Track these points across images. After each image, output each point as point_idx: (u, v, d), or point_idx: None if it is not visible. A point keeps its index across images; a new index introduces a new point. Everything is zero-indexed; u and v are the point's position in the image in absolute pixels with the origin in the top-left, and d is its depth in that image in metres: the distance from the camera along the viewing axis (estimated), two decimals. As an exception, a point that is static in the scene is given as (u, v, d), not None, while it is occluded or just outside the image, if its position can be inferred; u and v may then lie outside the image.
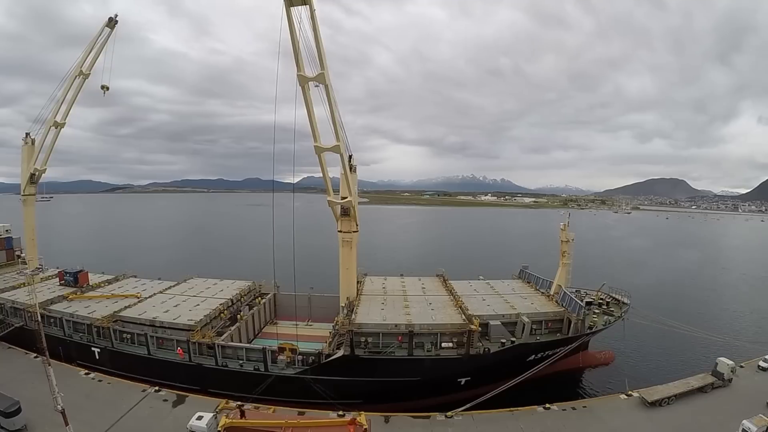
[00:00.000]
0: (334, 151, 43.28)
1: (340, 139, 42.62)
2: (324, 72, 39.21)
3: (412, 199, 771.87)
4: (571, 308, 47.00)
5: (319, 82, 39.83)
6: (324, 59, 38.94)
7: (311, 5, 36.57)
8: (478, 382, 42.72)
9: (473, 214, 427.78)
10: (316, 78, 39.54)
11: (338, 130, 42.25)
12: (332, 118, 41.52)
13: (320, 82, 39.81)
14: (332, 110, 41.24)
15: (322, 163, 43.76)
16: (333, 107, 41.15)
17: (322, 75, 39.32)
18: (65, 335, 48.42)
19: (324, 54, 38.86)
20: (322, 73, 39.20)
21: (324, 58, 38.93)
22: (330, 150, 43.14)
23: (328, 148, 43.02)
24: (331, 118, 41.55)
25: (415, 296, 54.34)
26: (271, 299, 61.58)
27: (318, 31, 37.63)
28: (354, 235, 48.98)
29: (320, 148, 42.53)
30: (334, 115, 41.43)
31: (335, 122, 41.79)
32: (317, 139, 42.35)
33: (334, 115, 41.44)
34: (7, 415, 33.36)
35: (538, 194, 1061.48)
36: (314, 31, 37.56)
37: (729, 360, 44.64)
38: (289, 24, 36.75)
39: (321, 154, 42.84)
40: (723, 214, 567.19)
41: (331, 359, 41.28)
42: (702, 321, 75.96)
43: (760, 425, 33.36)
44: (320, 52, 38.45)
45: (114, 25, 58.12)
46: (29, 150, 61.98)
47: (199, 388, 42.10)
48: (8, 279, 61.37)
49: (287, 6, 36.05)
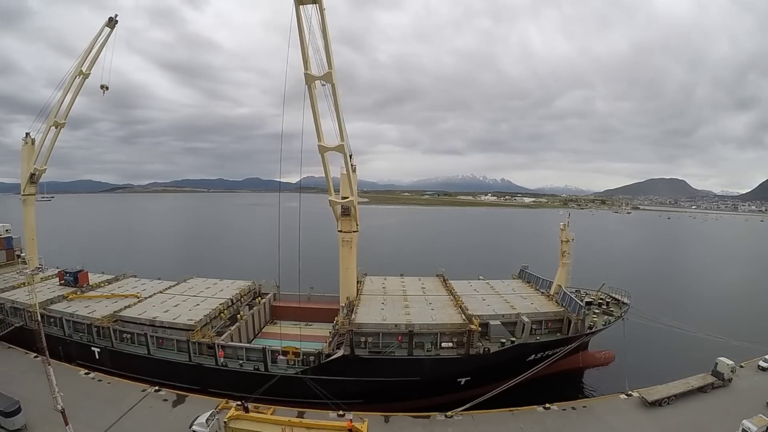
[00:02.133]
0: (338, 150, 43.29)
1: (344, 138, 42.65)
2: (331, 71, 39.26)
3: (412, 199, 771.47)
4: (570, 308, 47.01)
5: (326, 81, 39.88)
6: (332, 58, 38.97)
7: (321, 4, 36.60)
8: (478, 382, 42.72)
9: (473, 214, 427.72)
10: (324, 77, 39.59)
11: (342, 130, 42.31)
12: (337, 117, 41.59)
13: (327, 81, 39.87)
14: (337, 110, 41.26)
15: (325, 163, 43.77)
16: (338, 106, 41.19)
17: (329, 74, 39.37)
18: (65, 335, 48.43)
19: (332, 53, 38.91)
20: (330, 72, 39.25)
21: (332, 58, 38.96)
22: (334, 149, 43.17)
23: (331, 148, 43.04)
24: (336, 117, 41.62)
25: (415, 296, 54.35)
26: (270, 299, 61.57)
27: (327, 29, 37.66)
28: (354, 234, 49.01)
29: (324, 147, 42.58)
30: (339, 115, 41.47)
31: (340, 122, 41.86)
32: (321, 138, 42.34)
33: (339, 115, 41.49)
34: (7, 415, 33.38)
35: (538, 194, 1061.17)
36: (323, 30, 37.59)
37: (729, 360, 44.67)
38: (298, 22, 36.75)
39: (324, 153, 42.88)
40: (723, 214, 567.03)
41: (331, 359, 41.26)
42: (702, 321, 75.91)
43: (760, 425, 33.38)
44: (328, 51, 38.51)
45: (114, 25, 58.10)
46: (29, 150, 61.98)
47: (199, 388, 42.12)
48: (8, 279, 61.42)
49: (297, 4, 36.10)
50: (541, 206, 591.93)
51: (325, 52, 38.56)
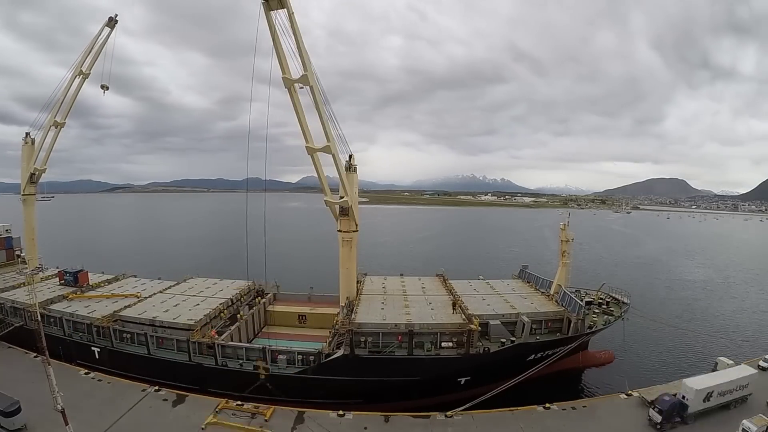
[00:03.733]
0: (326, 151, 43.27)
1: (330, 139, 42.61)
2: (307, 73, 39.26)
3: (412, 199, 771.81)
4: (570, 308, 47.01)
5: (303, 83, 39.88)
6: (307, 61, 38.91)
7: (289, 8, 36.68)
8: (478, 381, 42.72)
9: (474, 213, 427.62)
10: (300, 80, 39.60)
11: (328, 131, 42.25)
12: (320, 118, 41.60)
13: (304, 83, 39.87)
14: (319, 111, 41.24)
15: (316, 163, 43.88)
16: (320, 107, 41.15)
17: (305, 77, 39.39)
18: (65, 335, 48.42)
19: (306, 56, 38.85)
20: (305, 74, 39.26)
21: (307, 60, 38.91)
22: (321, 150, 43.19)
23: (319, 149, 43.06)
24: (319, 118, 41.63)
25: (415, 296, 54.34)
26: (270, 299, 61.53)
27: (298, 33, 37.65)
28: (354, 234, 48.96)
29: (312, 148, 42.66)
30: (321, 116, 41.48)
31: (324, 122, 41.86)
32: (308, 139, 42.50)
33: (322, 116, 41.49)
34: (7, 415, 33.34)
35: (538, 194, 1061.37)
36: (294, 33, 37.63)
37: (729, 360, 44.68)
38: (269, 27, 36.91)
39: (313, 154, 42.96)
40: (723, 213, 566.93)
41: (331, 359, 41.27)
42: (702, 321, 76.05)
43: (760, 425, 33.35)
44: (302, 54, 38.48)
45: (114, 25, 58.09)
46: (29, 150, 61.99)
47: (198, 388, 42.11)
48: (8, 279, 61.36)
49: (266, 10, 36.23)
50: (541, 206, 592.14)
51: (300, 55, 38.51)
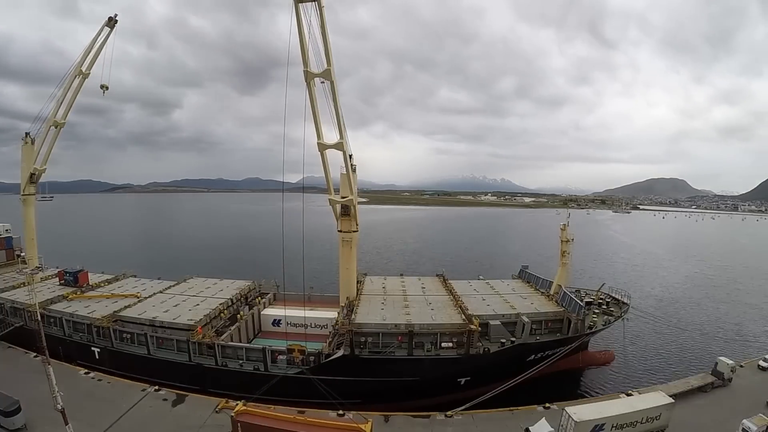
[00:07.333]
0: (338, 148, 43.33)
1: (343, 136, 42.69)
2: (330, 68, 39.39)
3: (412, 199, 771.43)
4: (570, 308, 47.04)
5: (325, 78, 40.01)
6: (330, 55, 39.11)
7: (320, 2, 36.85)
8: (477, 381, 42.71)
9: (474, 213, 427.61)
10: (323, 74, 39.71)
11: (342, 128, 42.34)
12: (336, 114, 41.59)
13: (326, 78, 40.00)
14: (336, 107, 41.28)
15: (325, 161, 43.79)
16: (337, 104, 41.22)
17: (328, 71, 39.53)
18: (65, 335, 48.42)
19: (331, 50, 39.07)
20: (329, 69, 39.39)
21: (331, 55, 39.10)
22: (333, 147, 43.19)
23: (331, 146, 43.08)
24: (335, 115, 41.63)
25: (414, 296, 54.35)
26: (270, 299, 61.53)
27: (326, 26, 37.85)
28: (354, 234, 49.00)
29: (323, 145, 42.62)
30: (338, 112, 41.48)
31: (339, 119, 41.87)
32: (321, 136, 42.41)
33: (338, 112, 41.49)
34: (7, 415, 33.33)
35: (538, 194, 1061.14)
36: (322, 26, 37.75)
37: (729, 359, 44.66)
38: (297, 20, 36.94)
39: (323, 151, 42.92)
40: (722, 213, 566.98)
41: (331, 359, 41.26)
42: (702, 321, 76.07)
43: (760, 425, 33.34)
44: (327, 48, 38.68)
45: (114, 24, 58.08)
46: (29, 149, 61.95)
47: (199, 388, 42.11)
48: (8, 279, 61.29)
49: (296, 2, 36.30)
50: (541, 206, 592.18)
51: (324, 49, 38.70)
